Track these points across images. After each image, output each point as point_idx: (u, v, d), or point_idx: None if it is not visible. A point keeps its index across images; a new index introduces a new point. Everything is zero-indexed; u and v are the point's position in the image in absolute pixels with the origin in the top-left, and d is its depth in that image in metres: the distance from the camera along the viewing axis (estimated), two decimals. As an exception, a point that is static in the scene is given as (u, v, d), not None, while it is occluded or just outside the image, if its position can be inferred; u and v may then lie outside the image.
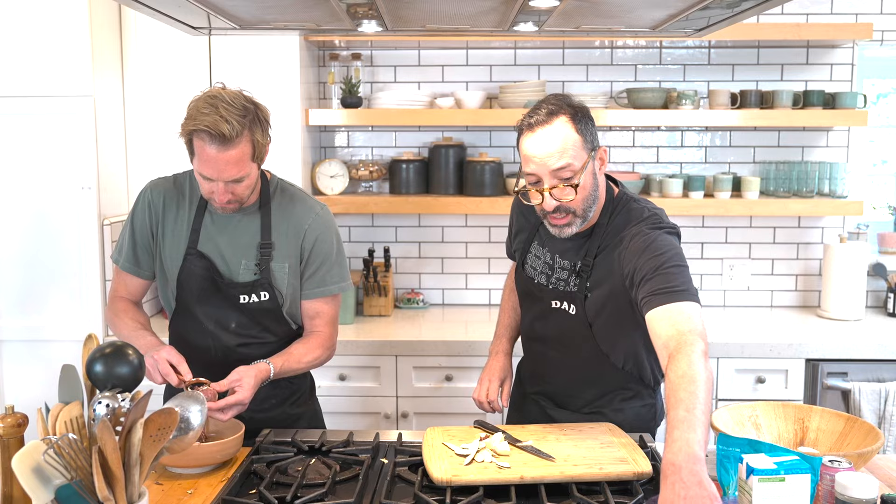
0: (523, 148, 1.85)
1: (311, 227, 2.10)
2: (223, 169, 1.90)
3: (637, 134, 3.55)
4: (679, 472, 1.34)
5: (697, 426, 1.41)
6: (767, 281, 3.57)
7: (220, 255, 2.07)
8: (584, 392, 2.04)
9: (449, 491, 1.61)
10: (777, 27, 3.26)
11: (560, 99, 1.86)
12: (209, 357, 2.08)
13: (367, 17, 1.87)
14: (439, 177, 3.41)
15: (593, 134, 1.87)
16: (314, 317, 2.15)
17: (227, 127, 1.84)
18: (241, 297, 2.05)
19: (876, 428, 1.74)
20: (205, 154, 1.89)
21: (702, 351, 1.58)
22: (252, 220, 2.09)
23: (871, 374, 2.95)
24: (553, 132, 1.81)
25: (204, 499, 1.66)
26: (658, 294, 1.71)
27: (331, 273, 2.13)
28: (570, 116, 1.82)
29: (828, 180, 3.33)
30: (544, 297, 2.02)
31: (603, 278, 1.91)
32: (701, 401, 1.45)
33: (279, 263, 2.08)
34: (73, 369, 1.45)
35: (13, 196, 2.94)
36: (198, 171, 1.95)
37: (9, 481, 1.48)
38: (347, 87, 3.35)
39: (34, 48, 2.88)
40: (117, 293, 2.17)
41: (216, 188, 1.95)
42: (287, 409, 2.18)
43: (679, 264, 1.77)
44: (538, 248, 2.06)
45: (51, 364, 2.93)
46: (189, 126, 1.89)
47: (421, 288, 3.62)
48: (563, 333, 2.02)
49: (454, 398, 2.97)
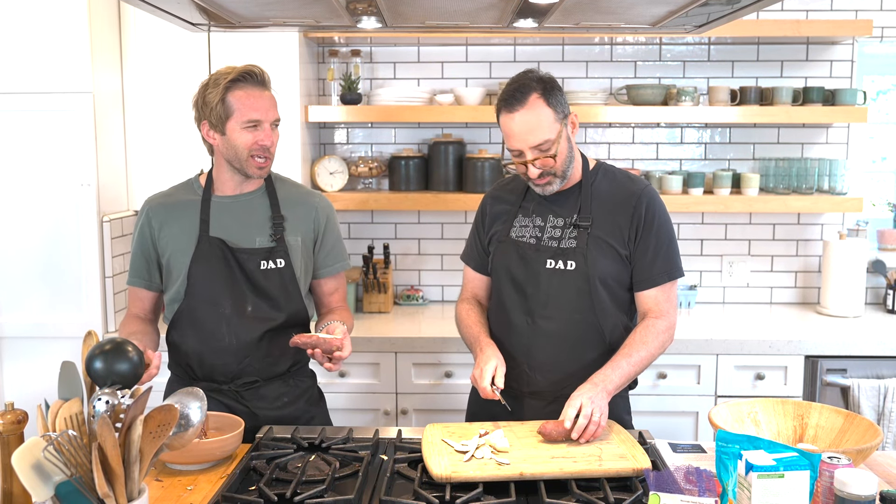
0: (503, 126, 2.02)
1: (321, 205, 2.20)
2: (269, 108, 2.04)
3: (637, 130, 3.54)
4: (595, 387, 1.88)
5: (623, 376, 1.95)
6: (767, 278, 3.57)
7: (234, 235, 2.10)
8: (565, 366, 2.03)
9: (448, 487, 1.62)
10: (777, 24, 3.25)
11: (528, 76, 2.01)
12: (224, 345, 2.08)
13: (366, 14, 1.87)
14: (439, 173, 3.41)
15: (563, 103, 2.02)
16: (333, 292, 2.24)
17: (259, 69, 2.04)
18: (260, 264, 2.08)
19: (875, 424, 1.75)
20: (249, 98, 2.02)
21: (666, 326, 2.04)
22: (260, 200, 2.15)
23: (870, 371, 2.95)
24: (528, 113, 1.97)
25: (204, 495, 1.66)
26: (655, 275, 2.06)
27: (343, 251, 2.25)
28: (541, 93, 1.98)
29: (827, 177, 3.33)
30: (539, 257, 2.05)
31: (604, 231, 2.04)
32: (634, 361, 1.97)
33: (293, 237, 2.13)
34: (72, 366, 1.45)
35: (13, 193, 2.94)
36: (242, 122, 2.02)
37: (9, 478, 1.48)
38: (347, 83, 3.35)
39: (33, 45, 2.87)
40: (130, 311, 2.20)
41: (262, 135, 2.03)
42: (302, 406, 2.19)
43: (674, 243, 2.09)
44: (524, 220, 2.13)
45: (50, 361, 2.93)
46: (224, 81, 2.01)
47: (420, 284, 3.62)
48: (557, 297, 2.03)
49: (454, 395, 2.97)
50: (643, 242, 2.05)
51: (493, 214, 2.20)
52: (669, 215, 2.11)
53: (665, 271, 2.06)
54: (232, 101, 2.01)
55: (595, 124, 3.51)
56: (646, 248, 2.05)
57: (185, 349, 2.10)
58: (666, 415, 2.98)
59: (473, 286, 2.27)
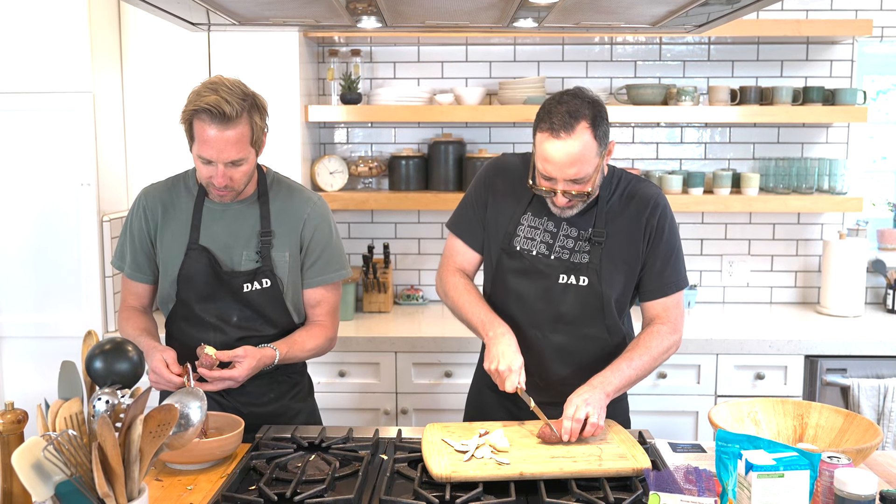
0: (541, 149, 1.87)
1: (310, 216, 2.13)
2: (223, 149, 1.92)
3: (636, 130, 3.54)
4: (593, 389, 1.86)
5: (623, 379, 1.93)
6: (767, 277, 3.57)
7: (221, 248, 2.08)
8: (575, 379, 1.95)
9: (448, 487, 1.61)
10: (777, 23, 3.25)
11: (580, 98, 1.87)
12: None
13: (366, 14, 1.87)
14: (439, 173, 3.41)
15: (607, 133, 1.90)
16: (316, 305, 2.17)
17: (227, 106, 1.89)
18: (244, 286, 2.06)
19: (875, 424, 1.75)
20: (205, 134, 1.91)
21: (672, 332, 2.03)
22: (251, 211, 2.10)
23: (870, 371, 2.95)
24: (573, 143, 1.83)
25: (203, 495, 1.66)
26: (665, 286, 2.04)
27: (331, 261, 2.16)
28: (590, 122, 1.85)
29: (827, 177, 3.33)
30: (551, 272, 2.00)
31: (618, 247, 1.99)
32: (636, 365, 1.95)
33: (279, 252, 2.09)
34: (72, 366, 1.45)
35: (13, 193, 2.94)
36: (197, 155, 1.97)
37: (9, 477, 1.48)
38: (347, 83, 3.35)
39: (33, 44, 2.87)
40: (126, 301, 2.20)
41: (215, 172, 1.97)
42: (287, 403, 2.18)
43: (682, 253, 2.07)
44: (534, 220, 2.04)
45: (50, 360, 2.92)
46: (190, 107, 1.93)
47: (420, 284, 3.62)
48: (568, 312, 2.01)
49: (453, 394, 2.98)
50: (653, 253, 2.02)
51: (496, 198, 2.08)
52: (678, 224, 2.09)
53: (674, 282, 2.04)
54: (194, 128, 1.94)
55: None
56: (656, 258, 2.02)
57: (176, 346, 2.11)
58: (666, 414, 2.98)
59: (462, 259, 2.16)
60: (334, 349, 2.25)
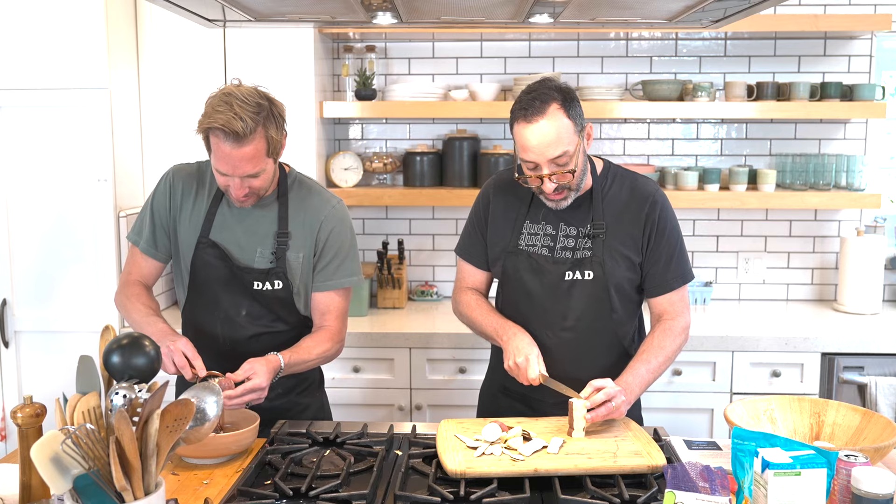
0: (520, 137, 1.93)
1: (327, 219, 2.12)
2: (237, 165, 1.93)
3: (652, 126, 3.53)
4: (630, 387, 1.91)
5: (642, 386, 1.97)
6: (783, 274, 3.55)
7: (236, 244, 2.09)
8: (583, 373, 1.95)
9: (463, 483, 1.62)
10: (794, 18, 3.23)
11: (547, 85, 1.94)
12: (217, 346, 2.09)
13: (381, 9, 1.87)
14: (453, 169, 3.40)
15: (580, 115, 1.96)
16: (325, 311, 2.16)
17: (240, 125, 1.87)
18: (255, 284, 2.07)
19: (893, 423, 1.73)
20: (220, 151, 1.92)
21: (683, 326, 2.07)
22: (269, 210, 2.11)
23: (887, 369, 2.93)
24: (548, 123, 1.89)
25: (219, 489, 1.67)
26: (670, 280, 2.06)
27: (343, 266, 2.15)
28: (561, 103, 1.91)
29: (845, 173, 3.31)
30: (554, 270, 2.03)
31: (618, 239, 2.01)
32: (653, 367, 1.99)
33: (294, 253, 2.09)
34: (90, 360, 1.46)
35: (30, 188, 2.97)
36: (214, 167, 1.98)
37: (27, 470, 1.49)
38: (362, 79, 3.35)
39: (50, 41, 2.89)
40: (130, 276, 2.18)
41: (232, 183, 1.98)
42: (294, 399, 2.19)
43: (684, 246, 2.10)
44: (532, 226, 2.09)
45: (68, 355, 2.96)
46: (204, 124, 1.92)
47: (435, 280, 3.62)
48: (576, 308, 2.02)
49: (468, 390, 2.97)
50: (656, 249, 2.04)
51: (495, 213, 2.15)
52: (677, 217, 2.10)
53: (679, 276, 2.07)
54: (210, 141, 1.95)
55: (610, 120, 3.50)
56: (659, 254, 2.04)
57: (191, 333, 2.12)
58: (681, 411, 2.97)
59: (473, 280, 2.23)
60: (348, 345, 2.26)
